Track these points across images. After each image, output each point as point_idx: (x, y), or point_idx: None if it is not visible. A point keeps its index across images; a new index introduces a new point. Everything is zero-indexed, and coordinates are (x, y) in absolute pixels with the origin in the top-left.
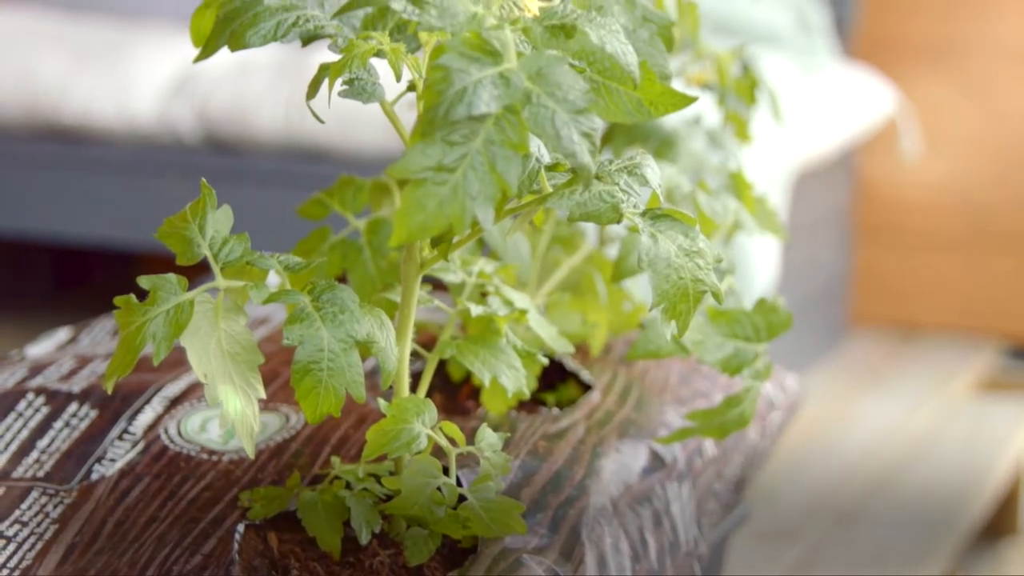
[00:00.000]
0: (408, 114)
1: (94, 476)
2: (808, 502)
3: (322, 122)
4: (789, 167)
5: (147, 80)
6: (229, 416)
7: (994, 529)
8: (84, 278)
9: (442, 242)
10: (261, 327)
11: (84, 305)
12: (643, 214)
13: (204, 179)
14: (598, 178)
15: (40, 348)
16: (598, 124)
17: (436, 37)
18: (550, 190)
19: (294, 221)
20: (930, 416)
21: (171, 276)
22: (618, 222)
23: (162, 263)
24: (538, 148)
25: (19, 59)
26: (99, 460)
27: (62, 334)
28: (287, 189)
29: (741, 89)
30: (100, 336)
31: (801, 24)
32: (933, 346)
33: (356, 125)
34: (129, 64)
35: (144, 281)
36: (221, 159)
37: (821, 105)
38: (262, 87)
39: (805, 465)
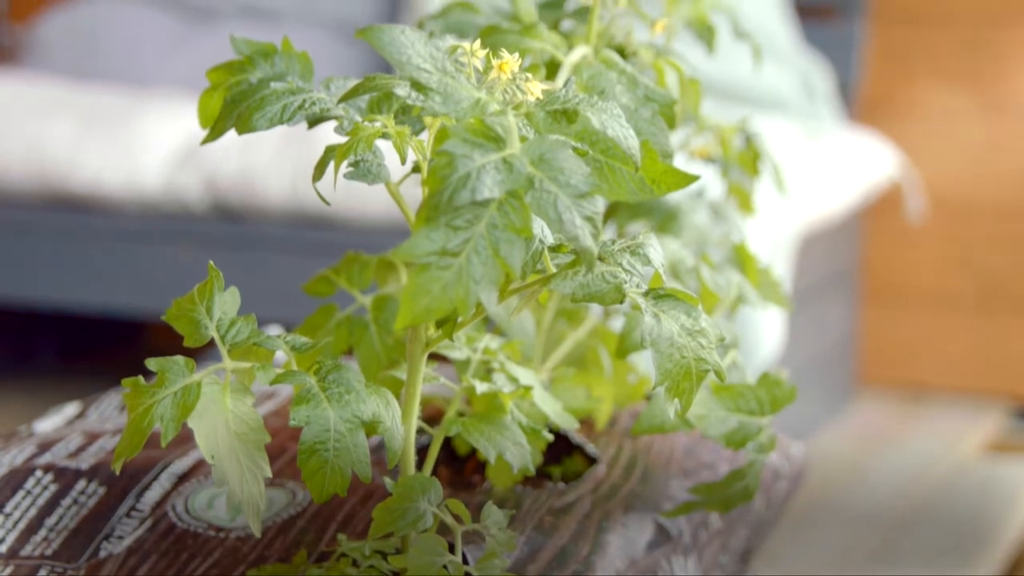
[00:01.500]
0: (416, 188)
1: (102, 554)
2: (814, 566)
3: (328, 204)
4: (794, 233)
5: (155, 149)
6: (236, 496)
7: None
8: (92, 347)
9: (447, 322)
10: (268, 402)
11: (92, 375)
12: (646, 294)
13: (212, 258)
14: (601, 259)
15: (48, 423)
16: (600, 207)
17: (440, 120)
18: (554, 271)
19: (301, 288)
20: (938, 478)
21: (179, 358)
22: (621, 303)
23: (170, 333)
24: (541, 229)
25: (28, 127)
26: (107, 538)
27: (70, 409)
28: (295, 256)
29: (744, 161)
30: (108, 411)
31: (805, 89)
32: (941, 407)
33: (364, 193)
34: (137, 133)
35: (152, 363)
36: (229, 227)
37: (826, 169)
38: (269, 156)
39: (812, 529)
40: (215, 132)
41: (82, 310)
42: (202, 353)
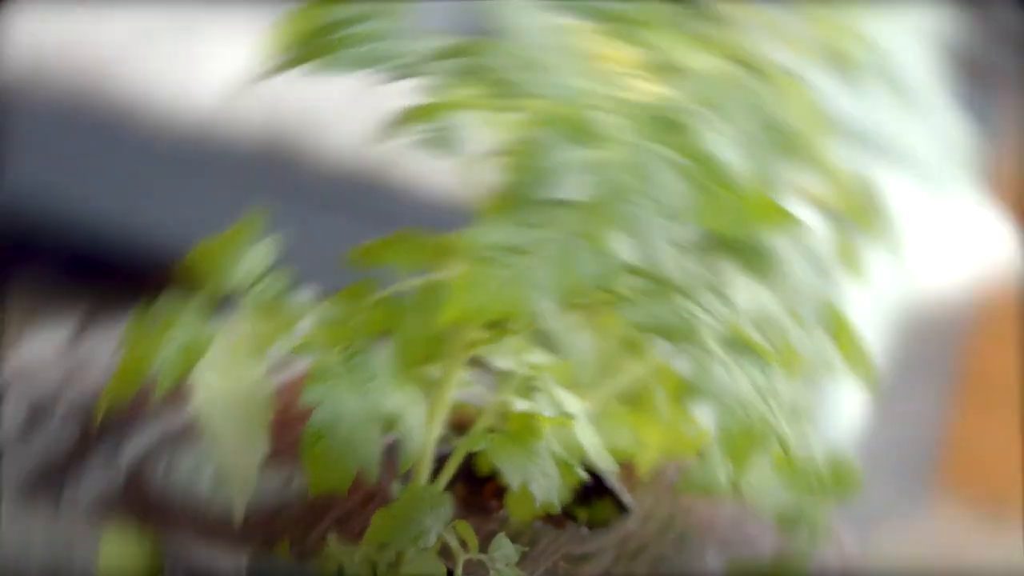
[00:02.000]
0: (491, 171)
1: (65, 505)
2: None
3: (391, 168)
4: (898, 305)
5: (213, 72)
6: (224, 469)
7: None
8: (108, 271)
9: (496, 326)
10: (281, 372)
11: (98, 299)
12: (720, 339)
13: (255, 202)
14: (679, 291)
15: (34, 347)
16: (691, 233)
17: (536, 103)
18: (624, 293)
19: (347, 250)
20: None
21: (194, 303)
22: (691, 343)
23: (194, 273)
24: (619, 245)
25: (81, 25)
26: (74, 488)
27: (61, 333)
28: (344, 216)
29: (859, 214)
30: (104, 346)
31: (943, 149)
32: (1019, 528)
33: (432, 164)
34: (197, 50)
35: (163, 303)
36: (279, 172)
37: (947, 241)
38: (337, 104)
39: None
40: (287, 64)
41: (108, 231)
42: (223, 303)
